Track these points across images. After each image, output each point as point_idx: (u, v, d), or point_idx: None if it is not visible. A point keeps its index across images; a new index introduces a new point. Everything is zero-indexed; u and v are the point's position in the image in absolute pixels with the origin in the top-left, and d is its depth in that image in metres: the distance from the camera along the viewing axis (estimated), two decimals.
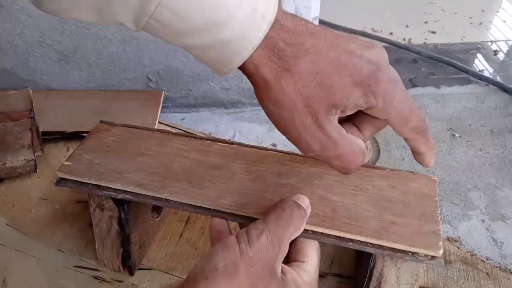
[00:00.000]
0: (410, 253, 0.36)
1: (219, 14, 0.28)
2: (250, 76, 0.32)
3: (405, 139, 0.35)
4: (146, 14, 0.28)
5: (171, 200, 0.40)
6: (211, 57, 0.31)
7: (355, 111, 0.32)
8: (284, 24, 0.30)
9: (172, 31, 0.29)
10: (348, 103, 0.31)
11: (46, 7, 0.29)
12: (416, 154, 0.36)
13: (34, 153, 0.61)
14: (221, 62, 0.31)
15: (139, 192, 0.41)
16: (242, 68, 0.31)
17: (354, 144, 0.33)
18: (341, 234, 0.37)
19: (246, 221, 0.37)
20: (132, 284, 0.49)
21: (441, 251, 0.35)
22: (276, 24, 0.30)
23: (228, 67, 0.31)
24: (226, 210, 0.39)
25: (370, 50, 0.32)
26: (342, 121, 0.34)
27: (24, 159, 0.60)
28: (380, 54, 0.32)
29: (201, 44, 0.30)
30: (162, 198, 0.40)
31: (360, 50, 0.31)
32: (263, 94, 0.32)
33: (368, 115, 0.33)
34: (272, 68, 0.30)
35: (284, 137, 0.34)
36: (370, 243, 0.36)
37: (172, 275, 0.50)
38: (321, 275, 0.50)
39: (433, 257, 0.35)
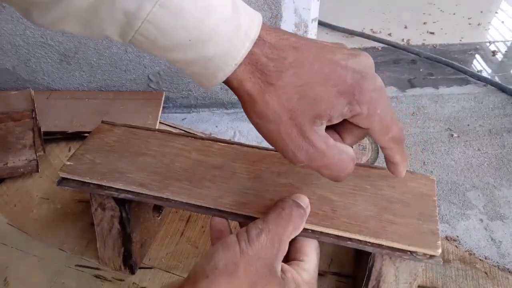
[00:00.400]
0: (408, 252, 0.36)
1: (203, 31, 0.29)
2: (235, 91, 0.33)
3: (382, 148, 0.35)
4: (132, 29, 0.29)
5: (172, 200, 0.40)
6: (195, 72, 0.32)
7: (341, 120, 0.32)
8: (267, 40, 0.31)
9: (157, 46, 0.30)
10: (333, 112, 0.31)
11: (36, 20, 0.30)
12: (390, 164, 0.37)
13: (35, 153, 0.61)
14: (204, 77, 0.32)
15: (141, 192, 0.41)
16: (227, 82, 0.32)
17: (342, 152, 0.33)
18: (341, 233, 0.37)
19: (246, 221, 0.38)
20: (133, 283, 0.49)
21: (440, 250, 0.35)
22: (259, 41, 0.31)
23: (212, 82, 0.32)
24: (227, 210, 0.39)
25: (355, 59, 0.32)
26: (326, 128, 0.35)
27: (26, 159, 0.61)
28: (365, 62, 0.33)
29: (185, 59, 0.31)
30: (163, 198, 0.41)
31: (344, 60, 0.32)
32: (249, 108, 0.32)
33: (350, 124, 0.33)
34: (256, 83, 0.31)
35: None
36: (369, 242, 0.37)
37: (173, 274, 0.50)
38: (321, 274, 0.50)
39: (431, 256, 0.36)
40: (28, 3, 0.29)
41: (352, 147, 0.35)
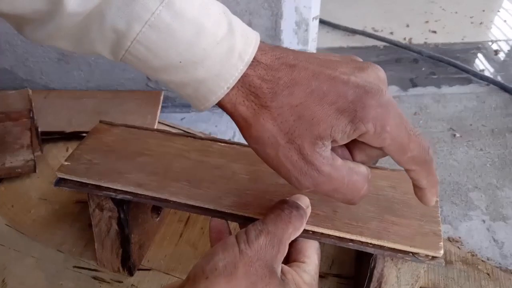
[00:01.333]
0: (410, 254, 0.36)
1: (194, 53, 0.28)
2: (230, 115, 0.31)
3: (406, 170, 0.32)
4: (123, 48, 0.28)
5: (171, 201, 0.40)
6: (187, 94, 0.31)
7: (349, 140, 0.30)
8: (262, 61, 0.30)
9: (148, 66, 0.29)
10: (334, 133, 0.29)
11: (28, 35, 0.30)
12: (417, 188, 0.33)
13: (33, 153, 0.61)
14: (197, 99, 0.31)
15: (139, 192, 0.41)
16: (221, 106, 0.31)
17: (353, 173, 0.31)
18: (342, 235, 0.37)
19: (246, 222, 0.37)
20: (132, 285, 0.49)
21: (442, 252, 0.35)
22: (253, 62, 0.29)
23: (204, 104, 0.31)
24: (226, 211, 0.39)
25: (360, 73, 0.30)
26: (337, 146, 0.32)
27: (24, 159, 0.60)
28: (373, 76, 0.30)
29: (177, 81, 0.30)
30: (162, 198, 0.40)
31: (347, 74, 0.30)
32: (245, 133, 0.31)
33: (362, 142, 0.31)
34: (249, 107, 0.30)
35: None
36: (371, 244, 0.36)
37: (172, 275, 0.50)
38: (322, 276, 0.50)
39: (433, 258, 0.35)
40: (21, 18, 0.28)
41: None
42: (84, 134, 0.50)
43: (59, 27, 0.28)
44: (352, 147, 0.32)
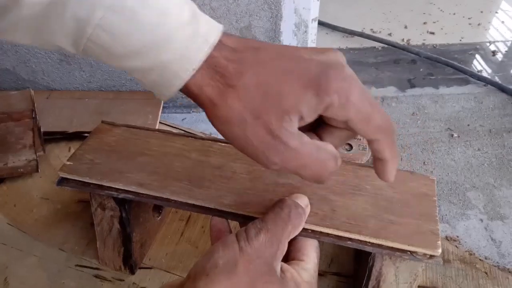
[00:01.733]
0: (408, 252, 0.36)
1: (158, 34, 0.28)
2: (195, 98, 0.31)
3: (369, 142, 0.32)
4: (84, 36, 0.28)
5: (172, 200, 0.40)
6: (153, 80, 0.31)
7: (315, 116, 0.30)
8: (227, 44, 0.30)
9: (110, 54, 0.29)
10: (302, 107, 0.29)
11: None
12: (378, 161, 0.33)
13: (35, 153, 0.61)
14: (163, 86, 0.31)
15: (141, 192, 0.41)
16: (186, 91, 0.31)
17: (320, 149, 0.31)
18: (341, 233, 0.37)
19: (246, 221, 0.38)
20: (133, 283, 0.49)
21: (440, 250, 0.35)
22: (218, 45, 0.30)
23: (170, 89, 0.31)
24: (227, 210, 0.39)
25: (321, 54, 0.31)
26: (305, 132, 0.32)
27: (26, 159, 0.61)
28: (334, 57, 0.31)
29: (141, 66, 0.30)
30: (163, 198, 0.41)
31: (308, 54, 0.30)
32: (211, 114, 0.31)
33: (330, 126, 0.32)
34: (215, 87, 0.30)
35: None
36: (369, 242, 0.37)
37: (173, 274, 0.50)
38: (321, 274, 0.50)
39: (431, 256, 0.36)
40: None
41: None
42: (86, 134, 0.50)
43: (17, 19, 0.27)
44: (321, 132, 0.33)
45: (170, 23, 0.28)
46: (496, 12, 1.21)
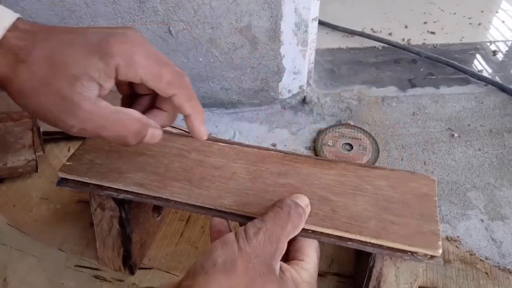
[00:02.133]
0: (409, 253, 0.36)
1: None
2: None
3: (172, 102, 0.35)
4: None
5: (172, 200, 0.40)
6: None
7: (111, 81, 0.33)
8: (21, 27, 0.32)
9: None
10: (91, 72, 0.31)
11: None
12: (186, 120, 0.37)
13: (35, 153, 0.61)
14: None
15: (140, 192, 0.41)
16: None
17: (120, 112, 0.33)
18: (341, 234, 0.37)
19: (246, 221, 0.38)
20: (133, 284, 0.49)
21: (440, 251, 0.35)
22: (12, 28, 0.32)
23: None
24: (226, 210, 0.39)
25: (109, 28, 0.33)
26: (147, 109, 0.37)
27: (25, 159, 0.61)
28: (122, 29, 0.33)
29: None
30: (162, 198, 0.41)
31: (96, 29, 0.33)
32: (9, 91, 0.33)
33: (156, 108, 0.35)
34: (7, 64, 0.31)
35: (284, 137, 0.34)
36: (370, 243, 0.36)
37: (173, 274, 0.50)
38: (321, 274, 0.50)
39: (432, 257, 0.36)
40: None
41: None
42: None
43: None
44: (149, 115, 0.37)
45: None
46: (497, 12, 1.21)
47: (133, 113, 0.34)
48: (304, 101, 0.82)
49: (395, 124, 0.78)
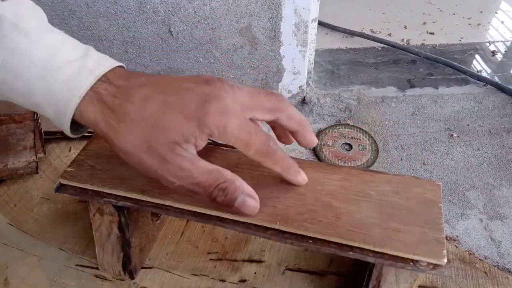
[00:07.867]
0: (411, 263, 0.35)
1: (48, 68, 0.33)
2: (99, 135, 0.35)
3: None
4: None
5: (174, 207, 0.40)
6: (53, 113, 0.35)
7: (206, 142, 0.35)
8: (115, 82, 0.34)
9: (11, 89, 0.34)
10: (189, 137, 0.33)
11: None
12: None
13: (36, 155, 0.61)
14: (60, 116, 0.35)
15: (141, 199, 0.40)
16: (84, 123, 0.35)
17: (213, 171, 0.35)
18: (345, 242, 0.36)
19: (247, 230, 0.38)
20: (134, 283, 0.49)
21: (445, 260, 0.35)
22: (106, 81, 0.34)
23: (66, 119, 0.34)
24: (229, 217, 0.38)
25: (202, 84, 0.34)
26: None
27: (26, 161, 0.61)
28: (213, 87, 0.34)
29: (37, 101, 0.34)
30: (164, 205, 0.40)
31: (191, 86, 0.34)
32: (112, 147, 0.35)
33: None
34: (108, 123, 0.34)
35: None
36: (372, 252, 0.36)
37: (173, 273, 0.50)
38: (321, 274, 0.50)
39: (435, 266, 0.35)
40: None
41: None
42: (87, 134, 0.50)
43: None
44: None
45: (59, 59, 0.34)
46: (496, 12, 1.21)
47: (216, 169, 0.35)
48: (303, 101, 0.82)
49: (394, 124, 0.78)
